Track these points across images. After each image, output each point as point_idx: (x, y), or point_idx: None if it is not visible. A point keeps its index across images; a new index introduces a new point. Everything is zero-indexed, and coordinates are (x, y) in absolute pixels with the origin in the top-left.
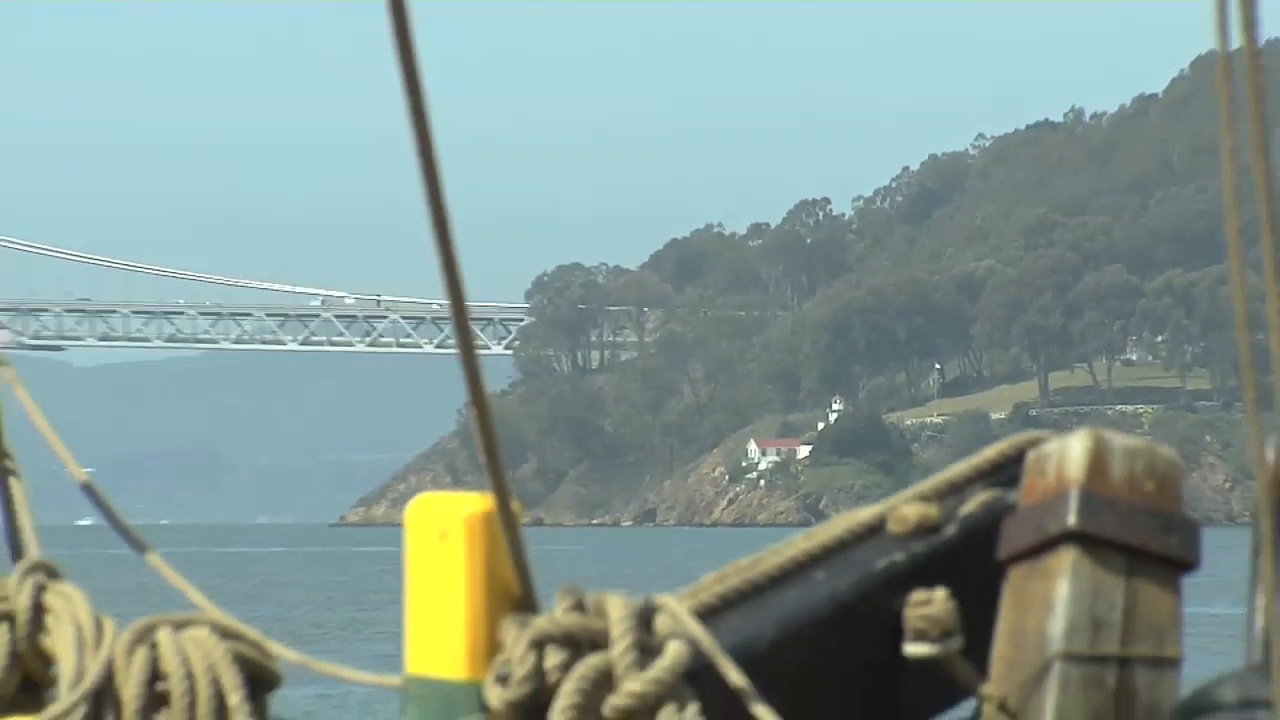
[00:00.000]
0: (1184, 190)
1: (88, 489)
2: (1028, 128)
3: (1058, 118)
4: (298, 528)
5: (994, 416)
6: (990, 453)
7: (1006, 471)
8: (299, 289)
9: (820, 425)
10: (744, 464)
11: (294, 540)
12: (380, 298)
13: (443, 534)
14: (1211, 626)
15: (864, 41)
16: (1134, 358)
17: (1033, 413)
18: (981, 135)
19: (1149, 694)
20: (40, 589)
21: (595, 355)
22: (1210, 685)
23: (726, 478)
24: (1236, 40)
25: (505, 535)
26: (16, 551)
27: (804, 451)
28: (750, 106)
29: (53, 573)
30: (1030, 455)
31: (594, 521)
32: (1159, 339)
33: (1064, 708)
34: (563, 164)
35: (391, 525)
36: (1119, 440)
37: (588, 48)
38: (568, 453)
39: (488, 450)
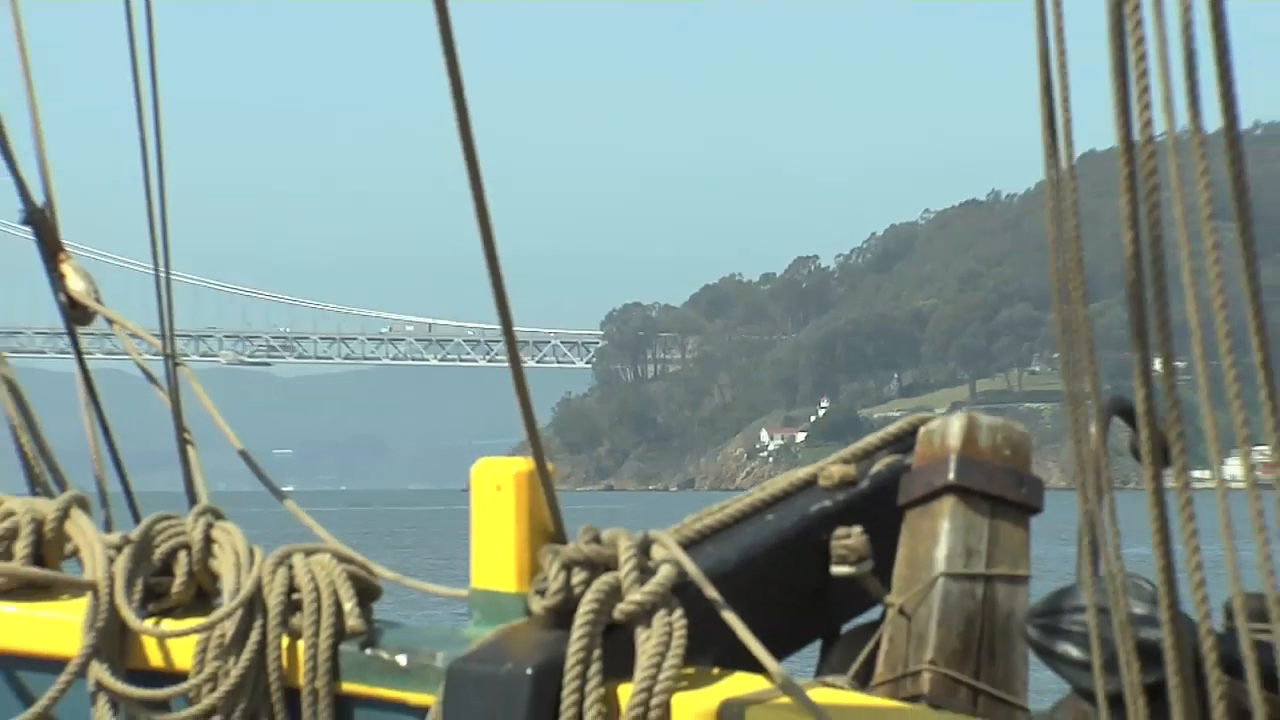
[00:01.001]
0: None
1: (244, 455)
2: (960, 204)
3: (982, 197)
4: (439, 492)
5: (937, 412)
6: (893, 428)
7: (904, 442)
8: (440, 320)
9: (812, 418)
10: (758, 446)
11: (436, 500)
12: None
13: (498, 487)
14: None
15: (848, 139)
16: (1038, 369)
17: (964, 409)
18: (927, 210)
19: (1006, 602)
20: (209, 526)
21: (651, 368)
22: (1051, 595)
23: (745, 456)
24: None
25: (543, 488)
26: (192, 500)
27: (801, 437)
28: (764, 198)
29: (218, 514)
30: (921, 430)
31: (649, 488)
32: (1055, 356)
33: (945, 611)
34: (625, 216)
35: None
36: (985, 419)
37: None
38: (631, 438)
39: (529, 431)
